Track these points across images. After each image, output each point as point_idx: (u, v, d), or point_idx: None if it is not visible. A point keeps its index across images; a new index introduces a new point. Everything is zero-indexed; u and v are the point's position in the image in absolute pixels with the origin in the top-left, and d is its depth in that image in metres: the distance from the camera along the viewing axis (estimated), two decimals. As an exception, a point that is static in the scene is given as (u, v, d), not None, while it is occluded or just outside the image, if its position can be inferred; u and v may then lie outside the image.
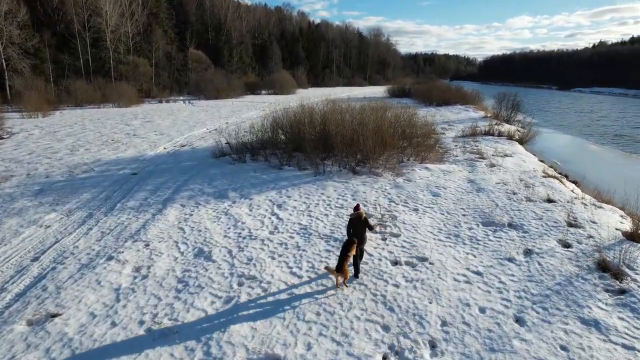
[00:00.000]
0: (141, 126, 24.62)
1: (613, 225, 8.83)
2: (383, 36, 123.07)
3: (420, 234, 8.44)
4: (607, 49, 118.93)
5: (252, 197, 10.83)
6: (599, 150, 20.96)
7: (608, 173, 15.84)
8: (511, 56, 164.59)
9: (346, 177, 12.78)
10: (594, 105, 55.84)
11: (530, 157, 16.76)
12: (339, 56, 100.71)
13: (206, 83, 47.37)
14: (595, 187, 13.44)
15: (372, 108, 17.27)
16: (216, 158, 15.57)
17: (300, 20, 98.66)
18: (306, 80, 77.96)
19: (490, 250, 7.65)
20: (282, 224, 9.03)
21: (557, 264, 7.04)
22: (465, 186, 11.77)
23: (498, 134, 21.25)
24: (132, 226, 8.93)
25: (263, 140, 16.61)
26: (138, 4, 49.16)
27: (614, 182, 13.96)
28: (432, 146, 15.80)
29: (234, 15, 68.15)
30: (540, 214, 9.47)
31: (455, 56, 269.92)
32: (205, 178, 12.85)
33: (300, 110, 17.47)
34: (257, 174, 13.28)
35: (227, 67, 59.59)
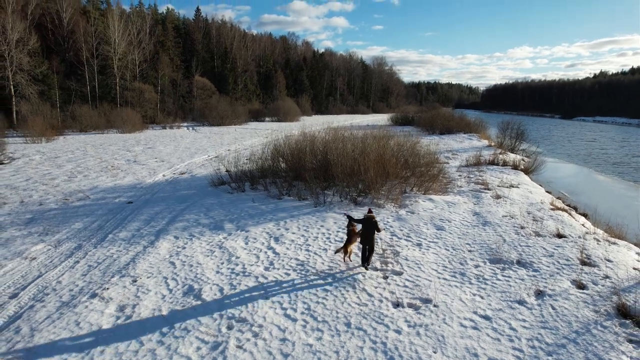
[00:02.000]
0: (142, 152, 24.51)
1: (630, 265, 8.33)
2: (386, 65, 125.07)
3: (424, 271, 7.96)
4: (608, 79, 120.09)
5: (248, 229, 10.42)
6: (606, 181, 20.51)
7: (618, 205, 15.35)
8: (514, 85, 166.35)
9: (347, 208, 12.38)
10: (598, 134, 55.69)
11: (536, 187, 16.34)
12: (343, 84, 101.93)
13: (210, 110, 47.79)
14: (606, 220, 12.96)
15: (374, 136, 17.05)
16: (215, 187, 15.26)
17: (304, 49, 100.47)
18: (310, 107, 78.69)
19: (498, 291, 7.16)
20: (279, 259, 8.58)
21: (573, 308, 6.53)
22: (471, 219, 11.33)
23: (503, 164, 20.91)
24: (122, 259, 8.51)
25: (263, 169, 16.34)
26: (146, 33, 50.25)
27: (625, 215, 13.49)
28: (435, 176, 15.43)
29: (239, 44, 69.52)
30: (551, 250, 8.99)
31: (458, 85, 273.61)
32: (202, 208, 12.49)
33: (301, 138, 17.27)
34: (256, 204, 12.91)
35: (232, 94, 60.29)
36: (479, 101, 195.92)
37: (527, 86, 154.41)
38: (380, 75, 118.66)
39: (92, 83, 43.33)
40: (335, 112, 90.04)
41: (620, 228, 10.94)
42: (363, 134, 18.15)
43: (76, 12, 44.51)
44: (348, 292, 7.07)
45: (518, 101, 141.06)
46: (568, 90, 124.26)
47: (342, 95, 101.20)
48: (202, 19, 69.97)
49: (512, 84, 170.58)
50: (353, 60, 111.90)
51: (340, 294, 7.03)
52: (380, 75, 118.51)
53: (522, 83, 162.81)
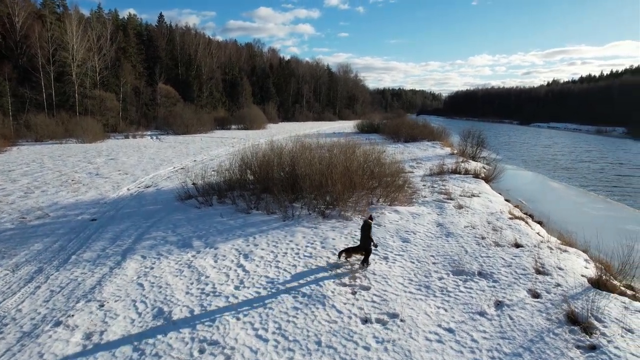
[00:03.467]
0: (105, 164, 23.81)
1: (579, 272, 8.95)
2: (352, 72, 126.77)
3: (390, 285, 8.25)
4: (560, 87, 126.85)
5: (217, 246, 10.41)
6: (560, 188, 21.73)
7: (570, 212, 16.33)
8: (474, 92, 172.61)
9: (315, 221, 12.57)
10: (551, 140, 58.65)
11: (496, 196, 17.12)
12: (309, 91, 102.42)
13: (175, 118, 46.93)
14: (559, 227, 13.78)
15: (340, 148, 17.35)
16: (182, 201, 15.08)
17: (270, 56, 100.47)
18: (276, 115, 78.62)
19: (461, 303, 7.53)
20: (248, 277, 8.65)
21: (528, 317, 6.97)
22: (435, 230, 11.78)
23: (465, 172, 21.74)
24: (87, 283, 8.32)
25: (231, 181, 16.29)
26: (106, 39, 48.90)
27: (576, 222, 14.41)
28: (401, 187, 15.89)
29: (204, 51, 68.75)
30: (509, 260, 9.51)
31: (422, 91, 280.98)
32: (170, 224, 12.34)
33: (269, 150, 17.34)
34: (224, 219, 12.88)
35: (197, 102, 59.47)
36: (442, 107, 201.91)
37: (487, 93, 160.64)
38: (346, 82, 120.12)
39: (48, 90, 41.64)
40: (302, 119, 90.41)
41: (571, 235, 11.66)
42: (330, 143, 18.47)
43: (30, 16, 42.75)
44: (318, 310, 7.24)
45: (479, 107, 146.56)
46: (524, 97, 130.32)
47: (309, 102, 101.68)
48: (166, 25, 68.79)
49: (473, 90, 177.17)
50: (319, 67, 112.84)
51: (311, 311, 7.18)
52: (346, 82, 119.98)
53: (482, 90, 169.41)
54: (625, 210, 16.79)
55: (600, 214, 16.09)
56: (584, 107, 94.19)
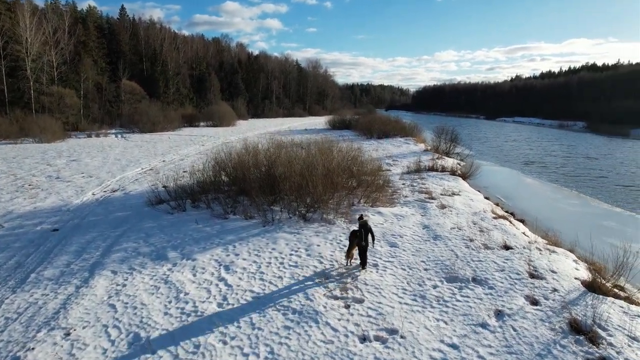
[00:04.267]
0: (66, 166, 22.31)
1: (571, 274, 8.81)
2: (321, 68, 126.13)
3: (385, 297, 7.81)
4: (523, 82, 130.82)
5: (195, 257, 9.67)
6: (534, 184, 22.05)
7: (548, 209, 16.47)
8: (441, 87, 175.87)
9: (297, 226, 12.01)
10: (518, 134, 60.23)
11: (476, 194, 17.07)
12: (279, 87, 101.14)
13: (140, 115, 44.98)
14: (541, 225, 13.80)
15: (319, 149, 16.82)
16: (153, 206, 14.13)
17: (239, 51, 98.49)
18: (246, 111, 77.08)
19: (460, 314, 7.17)
20: (232, 292, 8.00)
21: (532, 328, 6.68)
22: (422, 233, 11.46)
23: (442, 170, 21.68)
24: (49, 306, 7.45)
25: (204, 183, 15.47)
26: (64, 32, 46.26)
27: (555, 219, 14.50)
28: (382, 187, 15.53)
29: (170, 46, 66.44)
30: (501, 264, 9.27)
31: (390, 87, 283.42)
32: (141, 233, 11.46)
33: (244, 150, 16.60)
34: (200, 225, 12.10)
35: (163, 99, 57.39)
36: (410, 102, 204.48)
37: (453, 88, 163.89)
38: (315, 77, 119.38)
39: None
40: (272, 115, 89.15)
41: (555, 234, 11.62)
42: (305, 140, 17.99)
43: (-23, 7, 39.77)
44: (311, 328, 6.71)
45: (446, 102, 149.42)
46: (490, 92, 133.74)
47: (278, 98, 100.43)
48: (128, 19, 65.97)
49: (440, 86, 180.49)
50: (288, 62, 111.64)
51: (304, 330, 6.64)
52: (315, 78, 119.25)
53: (449, 85, 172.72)
54: (599, 206, 17.09)
55: (577, 210, 16.31)
56: (546, 102, 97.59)
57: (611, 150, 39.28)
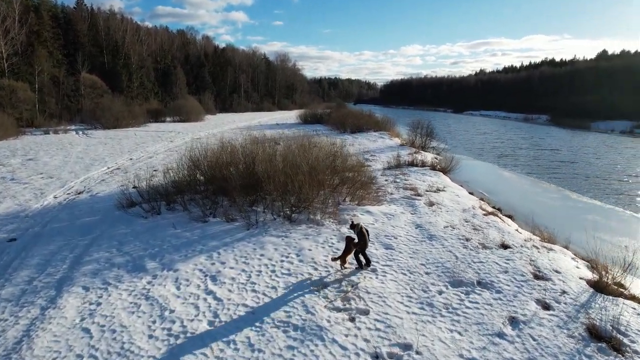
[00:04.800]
0: (22, 166, 20.56)
1: (575, 274, 8.56)
2: (290, 61, 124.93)
3: (390, 306, 7.25)
4: (488, 76, 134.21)
5: (177, 268, 8.80)
6: (513, 178, 22.19)
7: (531, 203, 16.43)
8: (409, 81, 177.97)
9: (283, 228, 11.29)
10: (488, 128, 61.48)
11: (460, 190, 16.85)
12: (247, 81, 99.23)
13: (103, 111, 42.59)
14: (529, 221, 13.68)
15: (300, 145, 16.14)
16: (124, 210, 13.01)
17: (205, 44, 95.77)
18: (214, 105, 75.03)
19: (474, 323, 6.71)
20: (223, 307, 7.23)
21: (551, 336, 6.30)
22: (416, 233, 10.99)
23: (421, 164, 21.42)
24: (9, 335, 6.44)
25: (179, 183, 14.47)
26: (14, 20, 43.14)
27: (540, 214, 14.45)
28: (367, 184, 15.01)
29: (132, 38, 63.57)
30: (504, 265, 8.91)
31: (357, 80, 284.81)
32: (113, 241, 10.43)
33: (220, 147, 15.68)
34: (178, 230, 11.17)
35: (127, 93, 54.82)
36: (378, 96, 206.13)
37: (420, 82, 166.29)
38: (284, 71, 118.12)
39: (-57, 80, 35.90)
40: (241, 110, 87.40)
41: (548, 230, 11.43)
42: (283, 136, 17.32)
43: None
44: (317, 347, 6.06)
45: (413, 96, 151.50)
46: (456, 86, 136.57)
47: (247, 92, 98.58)
48: (86, 8, 62.51)
49: (408, 79, 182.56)
50: (256, 56, 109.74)
51: (310, 350, 5.99)
52: (284, 72, 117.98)
53: (416, 79, 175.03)
54: (579, 199, 17.25)
55: (559, 204, 16.40)
56: (510, 96, 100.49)
57: (577, 143, 40.53)
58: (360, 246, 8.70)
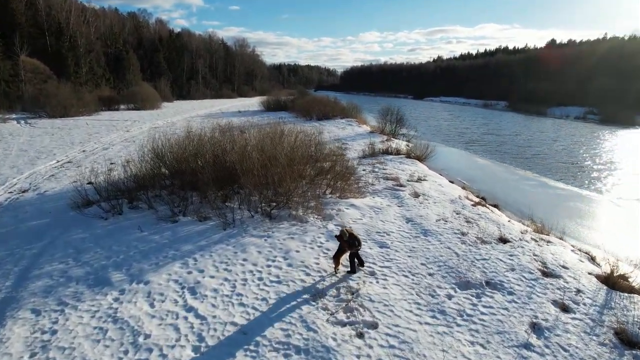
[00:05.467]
0: (-45, 161, 18.16)
1: (583, 269, 8.15)
2: (248, 47, 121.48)
3: (399, 316, 6.46)
4: (446, 63, 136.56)
5: (148, 279, 7.60)
6: (487, 165, 22.06)
7: (512, 191, 16.25)
8: (369, 68, 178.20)
9: (264, 226, 10.25)
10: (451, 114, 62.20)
11: (441, 179, 16.38)
12: (205, 67, 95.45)
13: (48, 98, 39.05)
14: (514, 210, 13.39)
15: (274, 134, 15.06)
16: (79, 210, 11.44)
17: (159, 28, 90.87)
18: (170, 92, 71.46)
19: (494, 332, 6.04)
20: (208, 327, 6.17)
21: (582, 345, 5.74)
22: (408, 229, 10.26)
23: (396, 152, 20.85)
24: (-59, 379, 5.12)
25: (140, 177, 13.03)
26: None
27: (524, 202, 14.26)
28: (347, 174, 14.14)
29: (78, 19, 58.90)
30: (508, 262, 8.35)
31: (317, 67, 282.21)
32: (69, 248, 9.00)
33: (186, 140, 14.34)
34: (145, 233, 9.86)
35: (75, 79, 50.79)
36: (339, 83, 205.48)
37: (380, 69, 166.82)
38: (243, 57, 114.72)
39: None
40: (199, 97, 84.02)
41: (539, 221, 11.06)
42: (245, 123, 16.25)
43: None
44: (328, 375, 5.17)
45: (374, 83, 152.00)
46: (415, 73, 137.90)
47: (205, 78, 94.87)
48: (23, -15, 57.04)
49: (368, 66, 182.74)
50: (213, 41, 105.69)
51: (319, 380, 5.09)
52: (243, 58, 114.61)
53: (376, 66, 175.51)
54: (556, 186, 17.17)
55: (539, 192, 16.28)
56: (469, 82, 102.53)
57: (539, 129, 41.52)
58: (356, 249, 7.86)
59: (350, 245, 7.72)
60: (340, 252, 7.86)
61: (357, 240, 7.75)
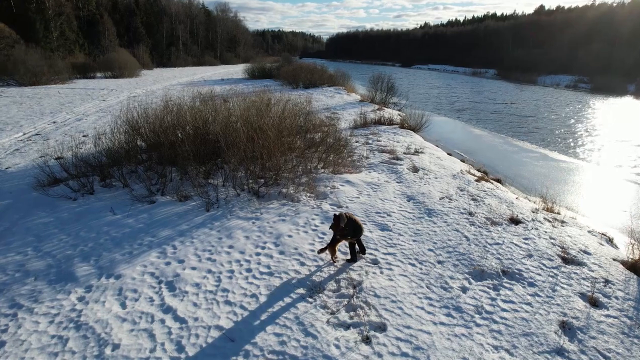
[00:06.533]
0: None
1: (606, 254, 7.42)
2: (230, 12, 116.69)
3: (410, 315, 5.64)
4: (434, 30, 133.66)
5: (119, 272, 6.61)
6: (484, 135, 21.12)
7: (513, 164, 15.38)
8: (355, 34, 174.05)
9: (251, 206, 9.27)
10: (441, 82, 60.83)
11: (439, 151, 15.47)
12: (185, 33, 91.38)
13: (16, 65, 36.55)
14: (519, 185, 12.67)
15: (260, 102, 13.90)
16: (44, 189, 10.24)
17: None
18: (150, 60, 68.34)
19: (520, 334, 5.27)
20: (189, 333, 5.26)
21: (624, 351, 5.00)
22: (410, 208, 9.39)
23: (389, 123, 19.83)
24: None
25: (115, 152, 11.82)
26: None
27: (527, 176, 13.63)
28: (340, 148, 13.13)
29: (46, -22, 54.83)
30: (524, 247, 7.57)
31: (302, 33, 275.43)
32: (29, 236, 7.90)
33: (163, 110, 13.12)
34: (118, 216, 8.79)
35: (45, 45, 47.83)
36: (324, 50, 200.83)
37: (367, 35, 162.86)
38: (225, 22, 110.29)
39: None
40: (180, 64, 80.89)
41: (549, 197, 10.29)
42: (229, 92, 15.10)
43: None
44: (333, 394, 4.34)
45: (361, 50, 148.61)
46: (403, 39, 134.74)
47: (186, 45, 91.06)
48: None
49: (354, 33, 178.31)
50: (194, 5, 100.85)
51: (323, 401, 4.26)
52: (225, 23, 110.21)
53: (363, 32, 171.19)
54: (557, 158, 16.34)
55: (541, 164, 15.44)
56: (457, 50, 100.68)
57: (531, 97, 40.62)
58: (352, 239, 6.94)
59: (344, 235, 6.79)
60: (336, 240, 6.95)
61: (357, 227, 6.81)
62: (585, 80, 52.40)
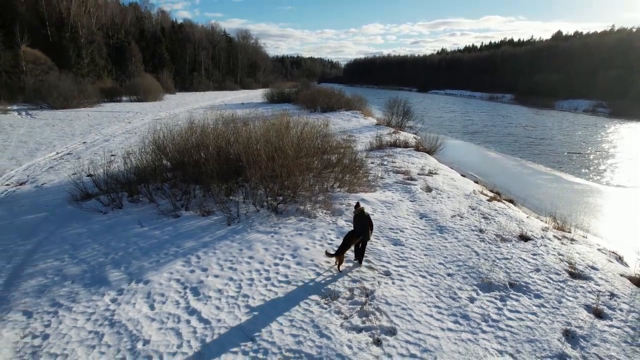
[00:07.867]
0: (-48, 153, 17.73)
1: (614, 270, 7.61)
2: (251, 39, 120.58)
3: (418, 321, 5.96)
4: (451, 55, 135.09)
5: (148, 278, 7.12)
6: (498, 158, 21.39)
7: (526, 186, 15.61)
8: (373, 60, 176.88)
9: (270, 222, 9.76)
10: (456, 107, 61.31)
11: (452, 172, 15.83)
12: (207, 58, 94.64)
13: (49, 89, 38.55)
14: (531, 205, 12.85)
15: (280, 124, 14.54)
16: (77, 203, 11.00)
17: (161, 19, 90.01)
18: (173, 84, 70.84)
19: (524, 341, 5.54)
20: (212, 332, 5.69)
21: (624, 358, 5.21)
22: (423, 225, 9.75)
23: (404, 145, 20.28)
24: None
25: (141, 170, 12.55)
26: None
27: (540, 197, 13.71)
28: (355, 168, 13.60)
29: (79, 9, 58.08)
30: (532, 262, 7.83)
31: (320, 59, 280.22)
32: (65, 244, 8.54)
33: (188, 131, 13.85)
34: (146, 228, 9.39)
35: (76, 70, 50.30)
36: (342, 75, 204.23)
37: (384, 61, 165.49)
38: (245, 49, 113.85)
39: None
40: (202, 89, 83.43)
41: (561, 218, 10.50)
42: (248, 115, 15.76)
43: None
44: (345, 388, 4.68)
45: (378, 75, 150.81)
46: (420, 65, 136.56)
47: (208, 70, 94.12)
48: (24, -25, 56.31)
49: (371, 58, 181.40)
50: (216, 32, 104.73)
51: (335, 394, 4.60)
52: (245, 49, 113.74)
53: (380, 58, 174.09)
54: (572, 181, 16.50)
55: (555, 186, 15.64)
56: (474, 75, 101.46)
57: (548, 121, 40.72)
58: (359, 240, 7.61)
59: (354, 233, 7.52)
60: (346, 246, 7.43)
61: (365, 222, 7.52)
62: (604, 105, 52.15)
